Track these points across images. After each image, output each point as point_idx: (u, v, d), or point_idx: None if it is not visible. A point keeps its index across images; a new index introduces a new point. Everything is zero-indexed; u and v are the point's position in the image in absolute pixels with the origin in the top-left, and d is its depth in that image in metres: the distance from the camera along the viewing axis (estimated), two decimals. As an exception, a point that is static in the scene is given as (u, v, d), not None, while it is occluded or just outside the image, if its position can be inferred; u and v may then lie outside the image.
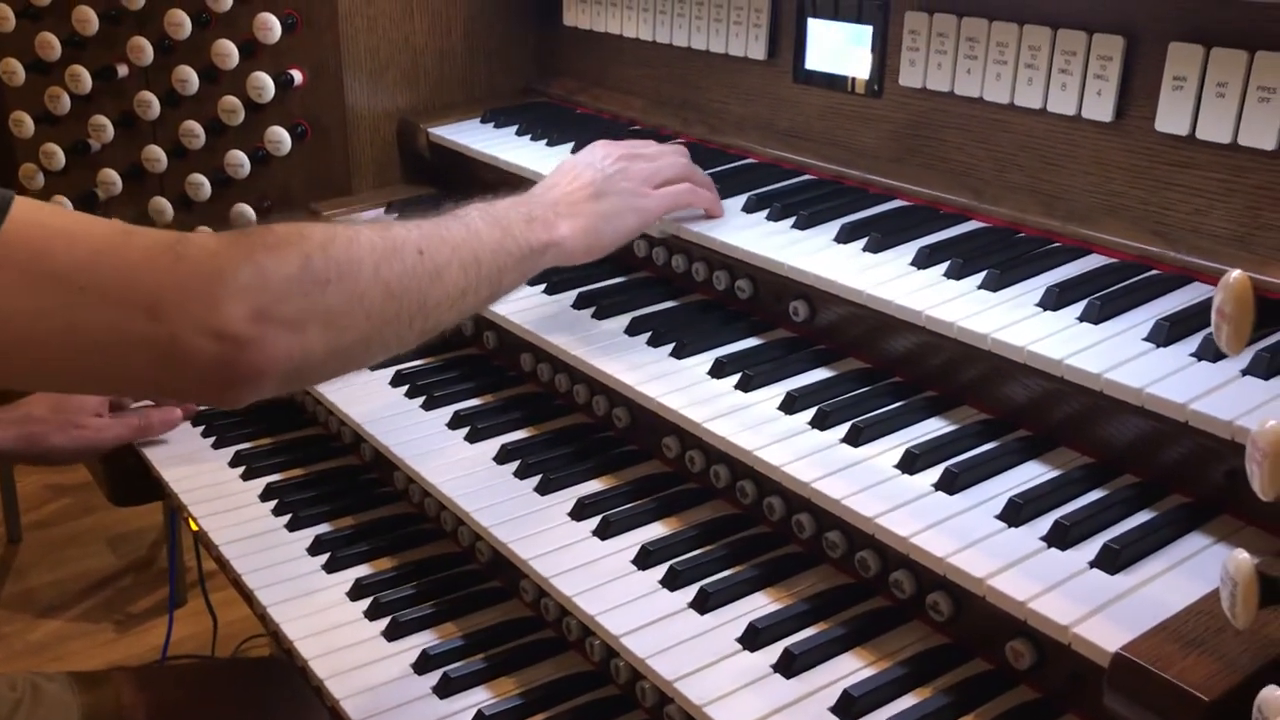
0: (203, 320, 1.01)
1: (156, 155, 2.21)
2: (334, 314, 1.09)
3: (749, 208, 1.61)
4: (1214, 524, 1.13)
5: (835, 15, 1.70)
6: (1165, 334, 1.19)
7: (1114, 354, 1.17)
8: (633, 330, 1.58)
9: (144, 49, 2.14)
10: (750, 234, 1.54)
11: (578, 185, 1.47)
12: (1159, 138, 1.35)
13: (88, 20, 2.17)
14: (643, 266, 1.76)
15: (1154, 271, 1.33)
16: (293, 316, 1.05)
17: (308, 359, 1.07)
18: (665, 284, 1.71)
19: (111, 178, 2.26)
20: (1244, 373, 1.12)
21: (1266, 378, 1.10)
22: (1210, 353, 1.15)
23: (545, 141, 1.96)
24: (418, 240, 1.20)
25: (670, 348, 1.52)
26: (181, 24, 2.10)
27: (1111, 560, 1.07)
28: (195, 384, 1.04)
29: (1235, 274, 0.79)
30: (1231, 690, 0.88)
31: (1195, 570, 1.06)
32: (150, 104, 2.19)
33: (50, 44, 2.20)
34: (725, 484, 1.45)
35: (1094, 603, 1.02)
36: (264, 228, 1.10)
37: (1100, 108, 1.40)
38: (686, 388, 1.43)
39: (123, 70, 2.19)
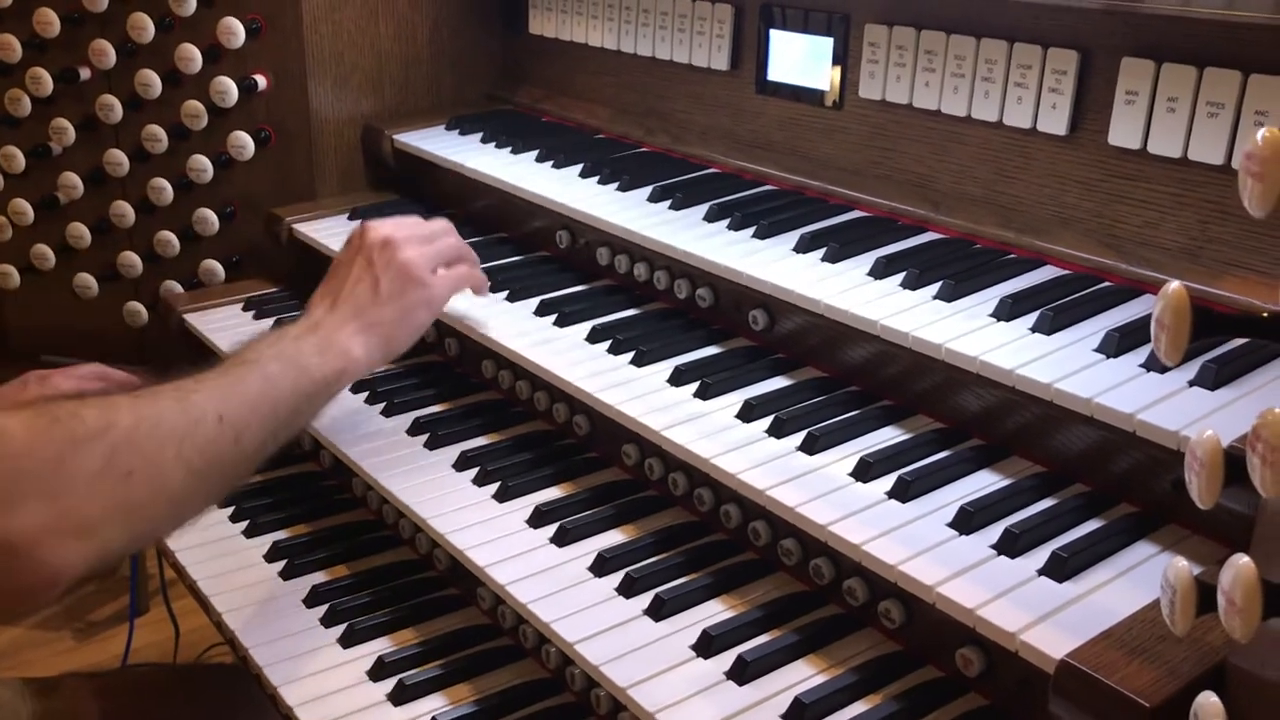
0: None
1: (118, 159, 2.20)
2: (135, 506, 1.10)
3: (710, 217, 1.62)
4: (1161, 533, 1.15)
5: (797, 27, 1.72)
6: (1115, 345, 1.20)
7: (1065, 365, 1.19)
8: (593, 338, 1.58)
9: (106, 52, 2.14)
10: (711, 243, 1.54)
11: (361, 291, 1.46)
12: (1112, 151, 1.37)
13: (49, 22, 2.15)
14: (604, 274, 1.76)
15: (1106, 283, 1.35)
16: (94, 519, 1.05)
17: (105, 554, 1.07)
18: (626, 292, 1.71)
19: (73, 181, 2.25)
20: (1191, 384, 1.13)
21: (1213, 389, 1.12)
22: (1159, 364, 1.16)
23: (510, 149, 1.96)
24: (218, 406, 1.20)
25: (630, 355, 1.52)
26: (144, 27, 2.10)
27: (1059, 568, 1.08)
28: None
29: (1173, 285, 0.80)
30: (1172, 696, 0.89)
31: (1141, 579, 1.08)
32: (112, 107, 2.17)
33: (11, 46, 2.19)
34: (683, 491, 1.45)
35: (1041, 610, 1.04)
36: (72, 413, 1.07)
37: (1055, 121, 1.41)
38: (645, 395, 1.44)
39: (85, 73, 2.18)
